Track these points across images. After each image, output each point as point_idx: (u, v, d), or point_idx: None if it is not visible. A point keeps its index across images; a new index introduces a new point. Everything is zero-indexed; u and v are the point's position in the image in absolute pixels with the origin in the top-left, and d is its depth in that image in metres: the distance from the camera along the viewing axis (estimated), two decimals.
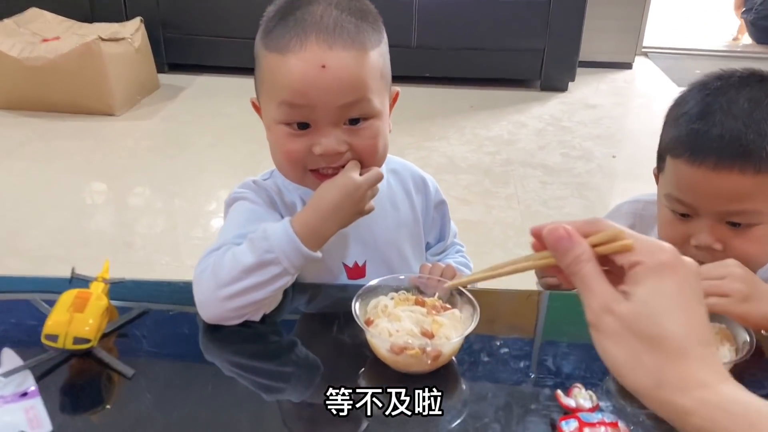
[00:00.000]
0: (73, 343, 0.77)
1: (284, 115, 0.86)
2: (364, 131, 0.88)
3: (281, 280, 0.84)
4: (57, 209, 2.52)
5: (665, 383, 0.49)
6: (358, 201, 0.87)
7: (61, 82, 3.20)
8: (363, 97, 0.86)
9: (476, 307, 0.82)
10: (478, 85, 3.81)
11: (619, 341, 0.50)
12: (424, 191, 1.08)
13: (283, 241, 0.84)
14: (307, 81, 0.83)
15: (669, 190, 0.93)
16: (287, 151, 0.88)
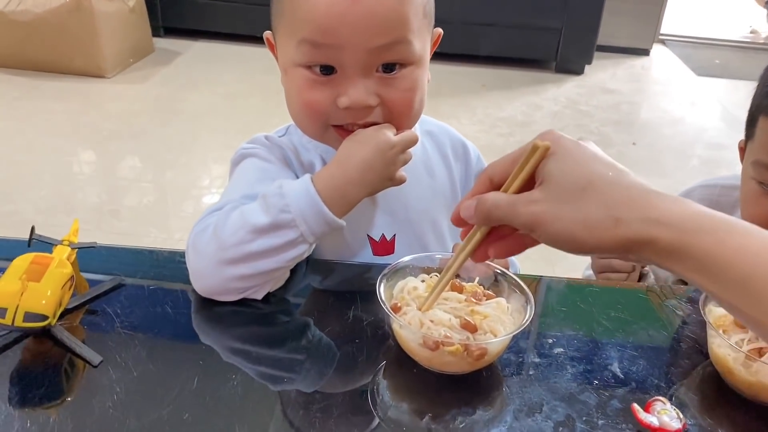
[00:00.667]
0: (25, 320, 0.61)
1: (305, 57, 0.71)
2: (399, 81, 0.73)
3: (295, 249, 0.70)
4: (38, 173, 2.37)
5: (620, 216, 0.48)
6: (390, 163, 0.73)
7: (48, 38, 3.02)
8: (402, 38, 0.70)
9: (529, 297, 0.67)
10: (491, 64, 3.66)
11: (558, 215, 0.49)
12: (464, 158, 0.93)
13: (302, 200, 0.69)
14: (334, 15, 0.68)
15: (758, 156, 0.80)
16: (307, 101, 0.74)
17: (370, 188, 0.74)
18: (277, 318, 0.72)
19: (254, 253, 0.68)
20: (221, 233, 0.69)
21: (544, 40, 3.63)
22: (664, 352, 0.71)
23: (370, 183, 0.73)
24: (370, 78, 0.71)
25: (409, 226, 0.86)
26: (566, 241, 0.50)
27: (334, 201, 0.70)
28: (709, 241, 0.45)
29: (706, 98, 3.55)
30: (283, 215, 0.69)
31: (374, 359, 0.66)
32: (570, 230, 0.49)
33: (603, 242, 0.48)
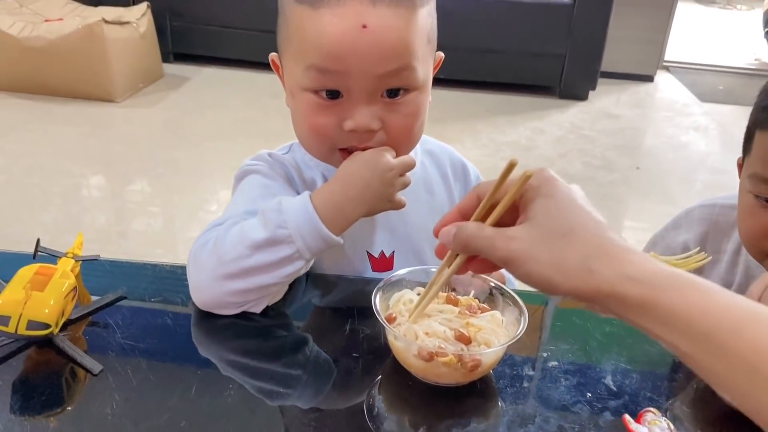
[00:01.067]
0: (28, 328, 0.62)
1: (312, 82, 0.72)
2: (402, 106, 0.74)
3: (292, 265, 0.71)
4: (47, 195, 2.40)
5: (594, 267, 0.49)
6: (388, 184, 0.75)
7: (60, 64, 3.07)
8: (407, 65, 0.72)
9: (523, 309, 0.67)
10: (495, 90, 3.69)
11: (536, 255, 0.51)
12: (463, 178, 0.95)
13: (299, 216, 0.70)
14: (343, 43, 0.69)
15: (754, 169, 0.81)
16: (313, 124, 0.75)
17: (367, 207, 0.74)
18: (275, 332, 0.73)
19: (252, 268, 0.69)
20: (221, 248, 0.70)
21: (547, 66, 3.67)
22: (657, 366, 0.71)
23: (368, 202, 0.74)
24: (375, 102, 0.73)
25: (408, 243, 0.88)
26: (540, 282, 0.51)
27: (332, 218, 0.71)
28: (675, 297, 0.47)
29: (710, 124, 3.56)
30: (280, 231, 0.69)
31: (371, 373, 0.67)
32: (545, 273, 0.50)
33: (576, 289, 0.50)
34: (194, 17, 3.70)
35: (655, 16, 4.07)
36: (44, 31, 3.06)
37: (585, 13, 3.51)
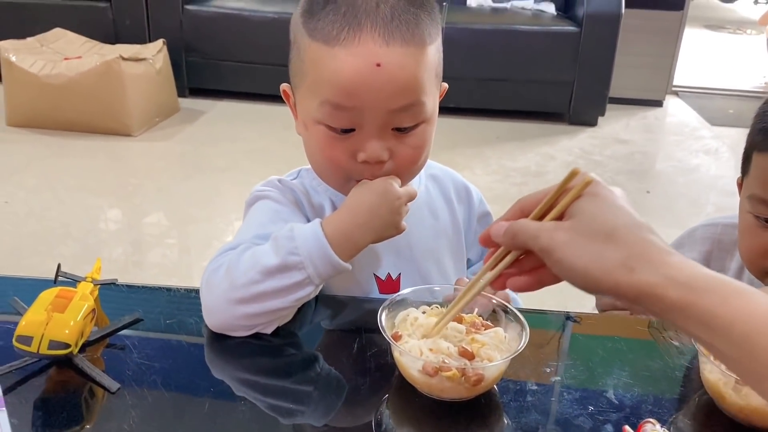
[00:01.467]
0: (49, 348, 0.65)
1: (326, 117, 0.75)
2: (411, 138, 0.77)
3: (303, 290, 0.73)
4: (65, 227, 2.45)
5: (635, 266, 0.51)
6: (396, 212, 0.78)
7: (79, 100, 3.15)
8: (417, 100, 0.75)
9: (525, 325, 0.70)
10: (504, 117, 3.72)
11: (578, 249, 0.53)
12: (467, 200, 0.97)
13: (310, 243, 0.73)
14: (358, 81, 0.72)
15: (753, 190, 0.83)
16: (329, 156, 0.78)
17: (375, 234, 0.77)
18: (286, 351, 0.75)
19: (263, 293, 0.72)
20: (233, 273, 0.73)
21: (556, 93, 3.70)
22: (659, 380, 0.73)
23: (377, 229, 0.77)
24: (386, 134, 0.76)
25: (414, 265, 0.90)
26: (580, 275, 0.53)
27: (341, 245, 0.74)
28: (715, 300, 0.49)
29: (720, 147, 3.57)
30: (292, 257, 0.72)
31: (379, 389, 0.69)
32: (587, 267, 0.53)
33: (616, 286, 0.52)
34: (208, 53, 3.79)
35: (663, 42, 4.10)
36: (64, 68, 3.14)
37: (592, 41, 3.56)
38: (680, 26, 4.07)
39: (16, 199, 2.65)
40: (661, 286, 0.50)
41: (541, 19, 3.74)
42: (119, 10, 3.71)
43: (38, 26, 3.53)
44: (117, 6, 3.71)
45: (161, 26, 3.71)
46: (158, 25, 3.72)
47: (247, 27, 3.69)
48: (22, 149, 3.08)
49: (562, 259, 0.54)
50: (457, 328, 0.71)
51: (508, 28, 3.63)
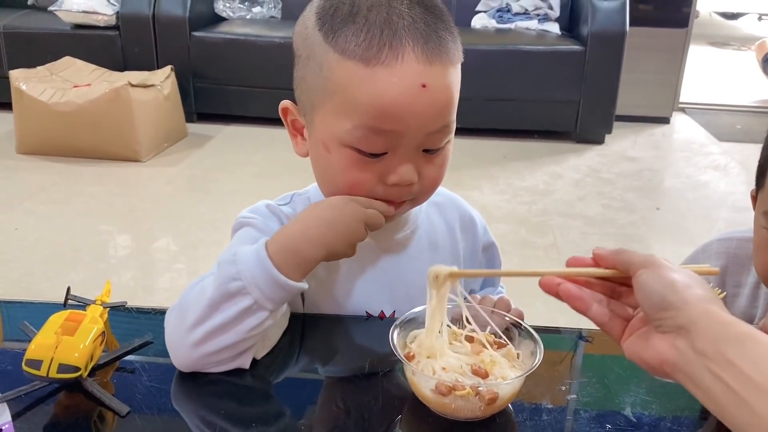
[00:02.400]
0: (59, 371, 0.65)
1: (360, 141, 0.70)
2: (437, 158, 0.74)
3: (254, 317, 0.68)
4: (75, 252, 2.45)
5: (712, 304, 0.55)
6: (352, 232, 0.72)
7: (89, 127, 3.18)
8: (451, 121, 0.72)
9: (538, 342, 0.68)
10: (512, 137, 3.73)
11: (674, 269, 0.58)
12: (471, 230, 0.93)
13: (252, 264, 0.68)
14: (402, 103, 0.67)
15: (767, 206, 0.82)
16: (354, 180, 0.73)
17: (328, 250, 0.71)
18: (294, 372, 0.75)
19: (214, 329, 0.68)
20: (184, 310, 0.69)
21: (562, 112, 3.70)
22: (678, 397, 0.71)
23: (329, 244, 0.71)
24: (416, 157, 0.72)
25: (410, 303, 0.80)
26: (667, 285, 0.56)
27: (288, 262, 0.69)
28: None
29: (729, 162, 3.56)
30: (233, 283, 0.67)
31: (392, 410, 0.68)
32: (675, 280, 0.56)
33: (688, 303, 0.55)
34: (216, 78, 3.82)
35: (668, 59, 4.11)
36: (73, 96, 3.17)
37: (597, 59, 3.57)
38: (685, 43, 4.08)
39: (26, 225, 2.66)
40: (731, 318, 0.53)
41: (546, 38, 3.76)
42: (128, 38, 3.76)
43: (48, 55, 3.57)
44: (125, 34, 3.75)
45: (169, 53, 3.75)
46: (166, 51, 3.76)
47: (254, 52, 3.73)
48: (31, 176, 3.11)
49: (659, 269, 0.57)
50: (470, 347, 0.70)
51: (513, 48, 3.65)
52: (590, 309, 0.62)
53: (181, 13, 3.70)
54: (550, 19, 3.95)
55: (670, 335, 0.55)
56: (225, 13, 4.05)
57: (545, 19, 3.93)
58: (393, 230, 0.84)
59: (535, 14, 3.92)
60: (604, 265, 0.63)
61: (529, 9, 3.92)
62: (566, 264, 0.65)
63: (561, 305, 0.63)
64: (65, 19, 3.73)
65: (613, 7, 3.55)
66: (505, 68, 3.64)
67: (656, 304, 0.56)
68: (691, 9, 4.05)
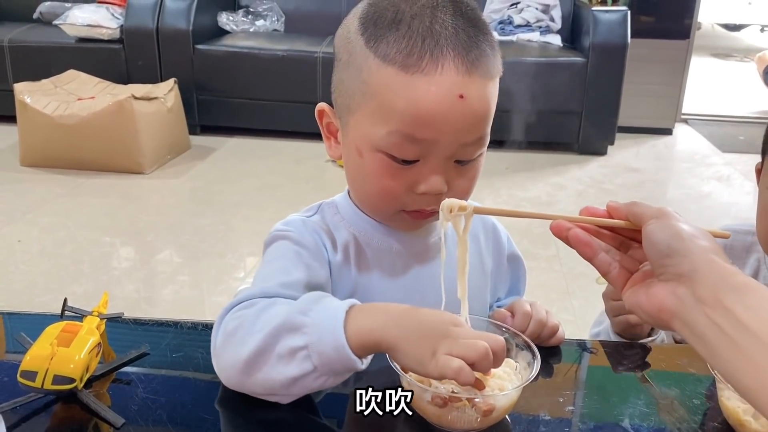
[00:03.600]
0: (54, 383, 0.65)
1: (393, 147, 0.70)
2: (469, 170, 0.74)
3: (313, 385, 0.64)
4: (77, 264, 2.46)
5: None
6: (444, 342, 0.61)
7: (92, 139, 3.19)
8: (486, 132, 0.72)
9: (536, 353, 0.68)
10: (514, 148, 3.72)
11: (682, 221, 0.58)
12: (495, 240, 0.92)
13: (324, 340, 0.62)
14: (439, 112, 0.68)
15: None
16: (385, 187, 0.73)
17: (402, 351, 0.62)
18: None
19: (268, 380, 0.65)
20: (240, 342, 0.65)
21: (565, 123, 3.71)
22: (676, 409, 0.71)
23: (408, 354, 0.62)
24: (448, 166, 0.72)
25: (433, 308, 0.84)
26: (673, 232, 0.56)
27: (361, 342, 0.63)
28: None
29: (732, 173, 3.55)
30: (304, 363, 0.63)
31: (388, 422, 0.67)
32: (681, 227, 0.57)
33: (694, 249, 0.55)
34: (219, 91, 3.84)
35: (670, 71, 4.12)
36: (77, 108, 3.19)
37: (599, 71, 3.57)
38: (687, 55, 4.09)
39: (29, 237, 2.67)
40: (733, 268, 0.54)
41: (548, 50, 3.77)
42: (132, 51, 3.78)
43: (53, 68, 3.59)
44: (129, 47, 3.78)
45: (173, 66, 3.77)
46: (170, 64, 3.78)
47: (257, 65, 3.74)
48: (35, 189, 3.12)
49: (669, 217, 0.58)
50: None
51: (515, 60, 3.66)
52: (597, 256, 0.62)
53: (185, 27, 3.72)
54: (552, 31, 3.96)
55: (672, 283, 0.55)
56: (228, 27, 4.07)
57: (547, 31, 3.94)
58: (422, 237, 0.83)
59: (537, 26, 3.93)
60: (617, 217, 0.62)
61: (531, 21, 3.94)
62: (580, 213, 0.64)
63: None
64: (70, 33, 3.76)
65: (615, 19, 3.57)
66: (507, 80, 3.55)
67: (661, 251, 0.56)
68: (692, 21, 4.07)
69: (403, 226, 0.79)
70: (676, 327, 0.55)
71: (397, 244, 0.81)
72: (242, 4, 4.26)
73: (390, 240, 0.82)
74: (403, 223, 0.78)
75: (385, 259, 0.82)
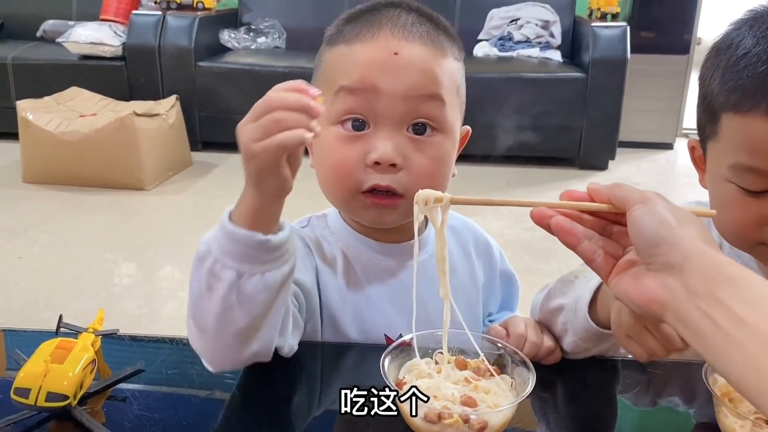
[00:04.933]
0: (47, 400, 0.64)
1: (340, 106, 0.75)
2: (428, 146, 0.75)
3: (221, 281, 0.65)
4: (78, 281, 2.46)
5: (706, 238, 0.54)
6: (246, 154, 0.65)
7: (94, 156, 3.20)
8: (435, 94, 0.75)
9: (531, 369, 0.68)
10: (514, 163, 3.74)
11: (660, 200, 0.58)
12: (487, 255, 0.93)
13: (214, 229, 0.68)
14: (375, 65, 0.74)
15: (737, 158, 0.72)
16: (338, 159, 0.75)
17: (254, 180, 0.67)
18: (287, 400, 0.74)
19: (197, 297, 0.67)
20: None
21: (565, 138, 3.71)
22: (673, 425, 0.70)
23: (249, 173, 0.67)
24: (400, 136, 0.74)
25: (428, 325, 0.80)
26: (661, 220, 0.55)
27: (241, 216, 0.67)
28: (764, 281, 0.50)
29: None
30: (201, 247, 0.68)
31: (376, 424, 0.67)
32: (665, 215, 0.55)
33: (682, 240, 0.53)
34: (221, 107, 3.85)
35: (671, 86, 4.13)
36: (79, 125, 3.21)
37: (598, 86, 3.58)
38: (687, 70, 4.10)
39: (30, 254, 2.67)
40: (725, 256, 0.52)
41: (548, 66, 3.78)
42: (134, 69, 3.81)
43: (56, 86, 3.62)
44: (131, 64, 3.80)
45: (175, 83, 3.79)
46: (172, 81, 3.80)
47: (258, 81, 3.76)
48: (36, 205, 3.12)
49: (652, 204, 0.56)
50: (461, 374, 0.69)
51: (515, 76, 3.68)
52: (580, 244, 0.60)
53: (187, 44, 3.75)
54: (552, 46, 3.98)
55: (661, 274, 0.53)
56: (230, 44, 4.10)
57: (547, 46, 3.96)
58: (411, 253, 0.83)
59: (537, 42, 3.95)
60: (599, 200, 0.60)
61: (531, 37, 3.95)
62: (560, 197, 0.63)
63: None
64: (73, 51, 3.79)
65: (614, 34, 3.58)
66: (507, 96, 3.65)
67: (649, 240, 0.54)
68: (692, 36, 4.08)
69: (369, 217, 0.79)
70: (669, 320, 0.53)
71: (386, 260, 0.81)
72: (244, 22, 4.29)
73: (379, 257, 0.83)
74: (367, 213, 0.77)
75: (375, 275, 0.83)
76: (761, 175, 0.71)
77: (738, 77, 0.72)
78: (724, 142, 0.75)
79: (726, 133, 0.74)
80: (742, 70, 0.71)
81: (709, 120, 0.77)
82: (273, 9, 4.28)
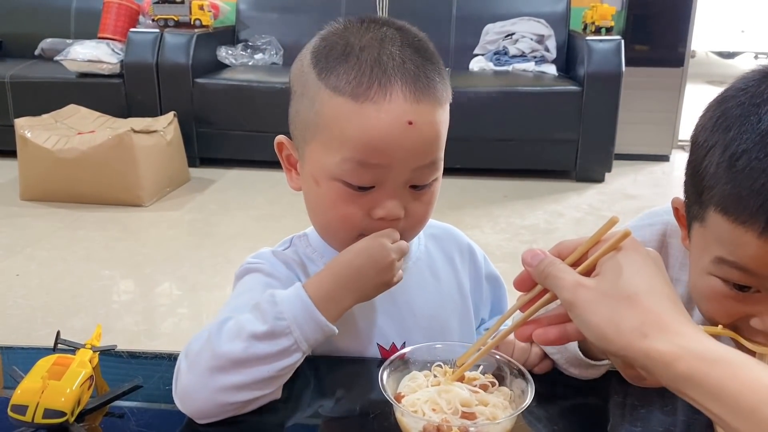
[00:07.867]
0: (44, 417, 0.64)
1: (348, 174, 0.72)
2: (424, 195, 0.76)
3: (289, 358, 0.70)
4: (75, 298, 2.45)
5: (649, 333, 0.52)
6: (385, 270, 0.74)
7: (92, 173, 3.21)
8: (438, 157, 0.75)
9: (529, 381, 0.68)
10: (511, 176, 3.75)
11: (597, 308, 0.55)
12: (471, 260, 0.94)
13: (295, 306, 0.70)
14: (389, 138, 0.70)
15: (719, 253, 0.66)
16: (343, 214, 0.75)
17: (362, 294, 0.74)
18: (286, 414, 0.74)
19: (248, 359, 0.67)
20: (215, 341, 0.68)
21: (562, 151, 3.73)
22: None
23: (362, 289, 0.74)
24: (404, 191, 0.74)
25: (419, 332, 0.85)
26: (595, 333, 0.55)
27: (326, 307, 0.71)
28: (725, 372, 0.50)
29: None
30: (278, 322, 0.69)
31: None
32: (601, 326, 0.55)
33: (628, 348, 0.53)
34: (218, 124, 3.87)
35: (666, 98, 4.15)
36: (77, 143, 3.21)
37: (594, 99, 3.60)
38: (682, 82, 4.13)
39: (28, 271, 2.66)
40: (672, 355, 0.51)
41: (543, 80, 3.80)
42: (131, 86, 3.83)
43: (54, 103, 3.63)
44: (129, 82, 3.82)
45: (172, 99, 3.81)
46: (169, 98, 3.82)
47: (256, 97, 3.78)
48: (34, 223, 3.12)
49: (581, 315, 0.56)
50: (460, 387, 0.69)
51: (511, 89, 3.70)
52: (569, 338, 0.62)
53: (185, 61, 3.77)
54: (547, 60, 4.01)
55: None
56: (227, 60, 4.12)
57: (542, 60, 3.99)
58: None
59: (532, 56, 3.98)
60: (529, 286, 0.63)
61: (526, 51, 3.98)
62: (514, 285, 0.66)
63: None
64: (71, 68, 3.81)
65: (609, 48, 3.61)
66: (503, 109, 3.67)
67: (599, 349, 0.58)
68: (686, 49, 4.11)
69: None
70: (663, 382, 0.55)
71: None
72: (241, 39, 4.32)
73: None
74: None
75: None
76: (747, 273, 0.65)
77: (736, 180, 0.63)
78: (708, 232, 0.67)
79: (713, 228, 0.66)
80: (742, 172, 0.62)
81: (697, 201, 0.69)
82: (270, 26, 4.31)
